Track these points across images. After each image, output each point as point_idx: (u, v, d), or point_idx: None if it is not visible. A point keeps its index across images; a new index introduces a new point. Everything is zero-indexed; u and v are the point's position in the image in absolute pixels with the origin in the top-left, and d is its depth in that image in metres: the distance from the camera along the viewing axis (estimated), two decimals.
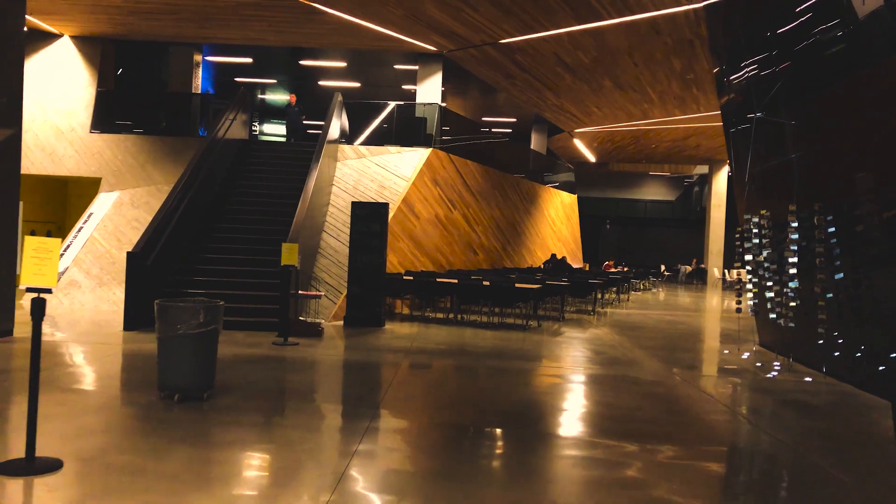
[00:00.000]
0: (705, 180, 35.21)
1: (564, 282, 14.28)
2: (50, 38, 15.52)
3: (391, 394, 6.83)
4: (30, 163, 14.60)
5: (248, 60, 19.90)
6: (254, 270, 11.49)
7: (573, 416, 6.23)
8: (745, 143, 10.60)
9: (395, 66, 19.28)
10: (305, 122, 17.81)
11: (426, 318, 12.86)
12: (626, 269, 26.74)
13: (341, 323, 11.48)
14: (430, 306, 14.25)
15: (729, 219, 30.83)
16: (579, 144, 28.07)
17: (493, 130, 27.02)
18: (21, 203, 9.10)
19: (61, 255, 12.80)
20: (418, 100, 17.00)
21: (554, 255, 22.22)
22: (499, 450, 5.23)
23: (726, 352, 10.57)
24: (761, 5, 10.06)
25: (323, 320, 11.08)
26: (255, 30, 15.05)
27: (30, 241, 4.15)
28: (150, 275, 10.30)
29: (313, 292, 11.34)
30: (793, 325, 8.91)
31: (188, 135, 16.15)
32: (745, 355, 10.07)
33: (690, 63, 15.32)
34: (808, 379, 8.33)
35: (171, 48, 18.11)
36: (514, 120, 26.53)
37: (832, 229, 8.05)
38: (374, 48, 16.18)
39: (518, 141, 26.63)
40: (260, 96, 25.00)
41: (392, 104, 16.82)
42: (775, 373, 8.67)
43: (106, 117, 15.64)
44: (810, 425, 6.26)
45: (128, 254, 10.11)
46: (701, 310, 18.71)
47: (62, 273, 12.64)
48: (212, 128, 14.14)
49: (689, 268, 33.31)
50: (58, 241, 4.22)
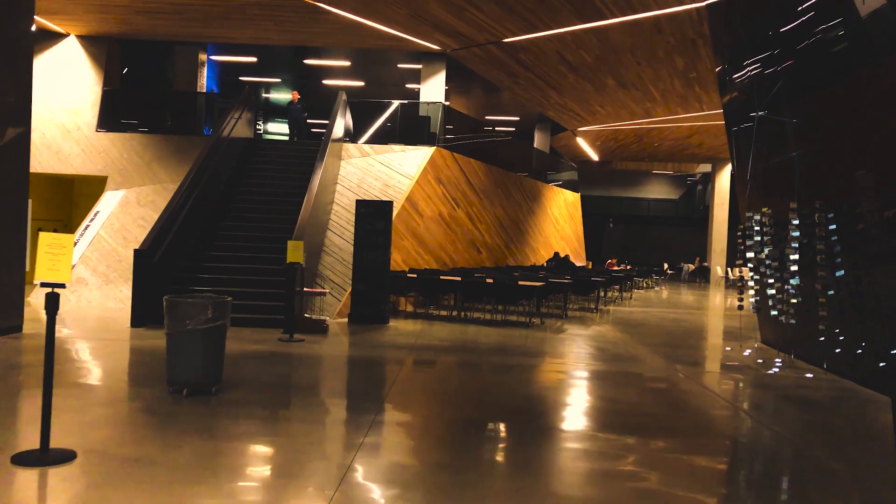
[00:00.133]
0: (708, 179, 35.23)
1: (567, 280, 14.36)
2: (56, 37, 15.63)
3: (396, 389, 6.92)
4: (36, 161, 14.70)
5: (253, 59, 20.00)
6: (259, 268, 11.59)
7: (576, 411, 6.31)
8: (747, 142, 10.66)
9: (399, 65, 19.36)
10: (308, 121, 17.88)
11: (430, 316, 12.95)
12: (628, 267, 26.78)
13: (346, 320, 11.57)
14: (434, 304, 14.33)
15: (732, 217, 30.79)
16: (582, 143, 28.11)
17: (496, 129, 27.08)
18: (30, 201, 9.21)
19: None
20: (422, 98, 17.08)
21: (557, 254, 22.30)
22: (502, 443, 5.32)
23: (728, 349, 10.64)
24: (762, 4, 10.11)
25: (328, 317, 11.17)
26: (260, 29, 15.14)
27: (44, 237, 4.24)
28: (157, 272, 10.41)
29: (318, 289, 11.44)
30: (794, 321, 8.98)
31: (193, 133, 16.25)
32: (747, 352, 10.14)
33: (693, 62, 15.37)
34: (809, 375, 8.39)
35: (177, 47, 18.23)
36: (518, 118, 26.59)
37: (833, 227, 8.12)
38: (378, 47, 16.27)
39: (521, 139, 26.70)
40: (264, 95, 25.10)
41: (396, 103, 16.91)
42: (777, 369, 8.73)
43: (112, 116, 15.75)
44: (811, 420, 6.34)
45: (135, 251, 10.22)
46: (703, 307, 18.76)
47: None
48: (217, 127, 14.24)
49: (692, 266, 33.34)
50: (71, 237, 4.31)
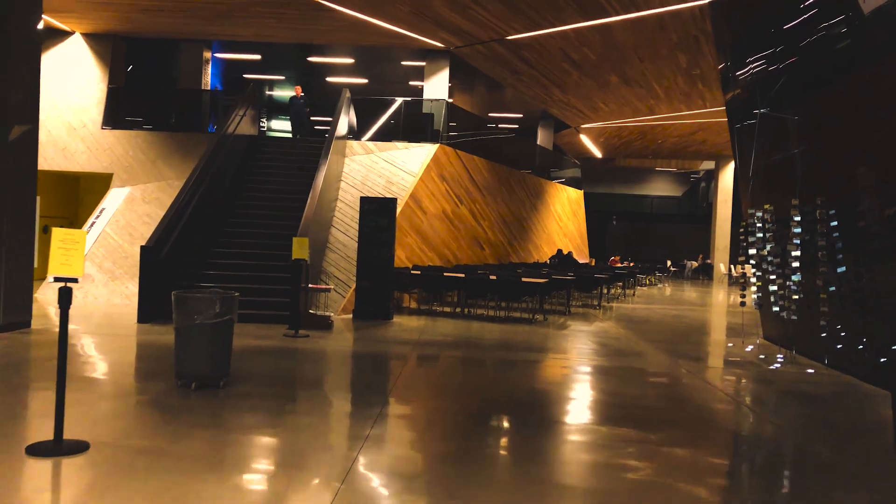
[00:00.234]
0: (712, 176, 35.23)
1: (570, 276, 14.42)
2: (62, 35, 15.71)
3: (400, 383, 7.00)
4: (42, 159, 14.76)
5: (257, 57, 20.06)
6: (264, 265, 11.68)
7: (579, 405, 6.38)
8: (750, 139, 10.71)
9: (403, 63, 19.41)
10: (312, 118, 17.93)
11: (433, 312, 13.03)
12: (631, 264, 26.82)
13: (350, 316, 11.66)
14: (438, 300, 14.41)
15: (735, 214, 30.79)
16: (586, 140, 28.13)
17: (499, 126, 27.12)
18: (38, 198, 9.30)
19: None
20: (425, 96, 17.14)
21: (560, 251, 22.35)
22: (506, 435, 5.39)
23: (730, 345, 10.70)
24: (765, 2, 10.14)
25: (332, 313, 11.26)
26: (263, 26, 15.21)
27: (57, 233, 4.32)
28: (164, 269, 10.50)
29: (323, 286, 11.52)
30: (795, 318, 9.04)
31: (198, 131, 16.34)
32: (749, 348, 10.20)
33: (696, 59, 15.40)
34: (810, 370, 8.45)
35: (181, 45, 18.30)
36: (521, 115, 26.62)
37: (834, 224, 8.17)
38: (381, 45, 16.33)
39: (524, 136, 26.73)
40: (268, 93, 25.17)
41: (399, 100, 16.96)
42: (778, 364, 8.80)
43: (117, 114, 15.84)
44: (812, 414, 6.40)
45: (142, 248, 10.31)
46: (706, 304, 18.81)
47: None
48: (221, 124, 14.32)
49: (695, 263, 33.37)
50: (84, 233, 4.39)
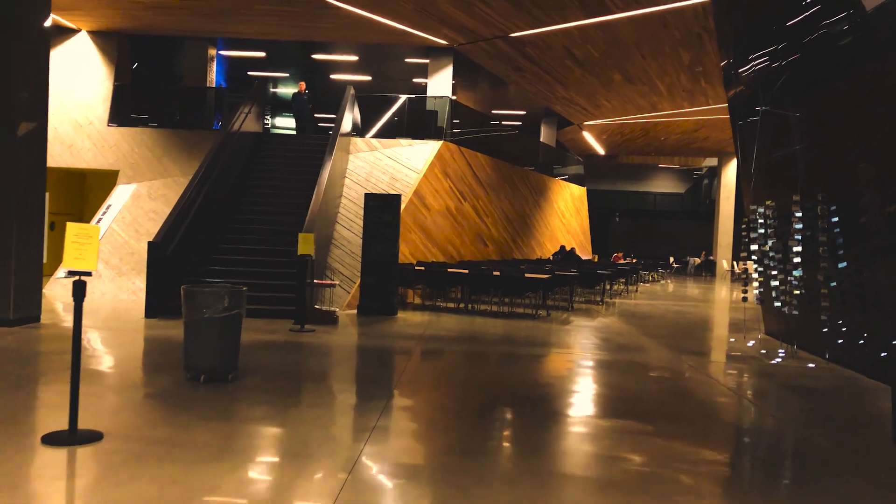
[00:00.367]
0: (714, 173, 35.24)
1: (573, 272, 14.50)
2: (68, 33, 15.81)
3: (405, 377, 7.09)
4: (49, 156, 14.77)
5: (261, 54, 20.14)
6: (269, 260, 11.77)
7: (581, 398, 6.46)
8: (752, 136, 10.76)
9: (407, 60, 19.47)
10: (316, 115, 18.00)
11: (437, 308, 13.12)
12: (634, 260, 26.88)
13: (355, 312, 11.75)
14: (442, 296, 14.50)
15: (738, 211, 30.80)
16: (589, 137, 28.18)
17: (502, 123, 27.16)
18: (47, 194, 9.41)
19: None
20: (429, 93, 17.21)
21: (563, 247, 22.42)
22: (509, 428, 5.48)
23: (732, 340, 10.77)
24: None
25: (337, 309, 11.35)
26: (268, 24, 15.29)
27: (71, 227, 4.41)
28: (170, 264, 10.61)
29: (328, 281, 11.61)
30: (797, 313, 9.11)
31: (203, 128, 16.44)
32: (751, 343, 10.27)
33: (699, 56, 15.45)
34: (811, 365, 8.53)
35: (186, 43, 18.38)
36: (524, 112, 26.67)
37: (836, 220, 8.23)
38: (385, 42, 16.39)
39: (528, 133, 26.79)
40: (272, 90, 25.25)
41: (403, 97, 17.04)
42: (780, 359, 8.87)
43: (123, 111, 15.95)
44: (813, 408, 6.47)
45: (149, 244, 10.42)
46: (709, 300, 18.88)
47: None
48: (226, 121, 14.41)
49: (697, 260, 33.41)
50: (97, 228, 4.49)
